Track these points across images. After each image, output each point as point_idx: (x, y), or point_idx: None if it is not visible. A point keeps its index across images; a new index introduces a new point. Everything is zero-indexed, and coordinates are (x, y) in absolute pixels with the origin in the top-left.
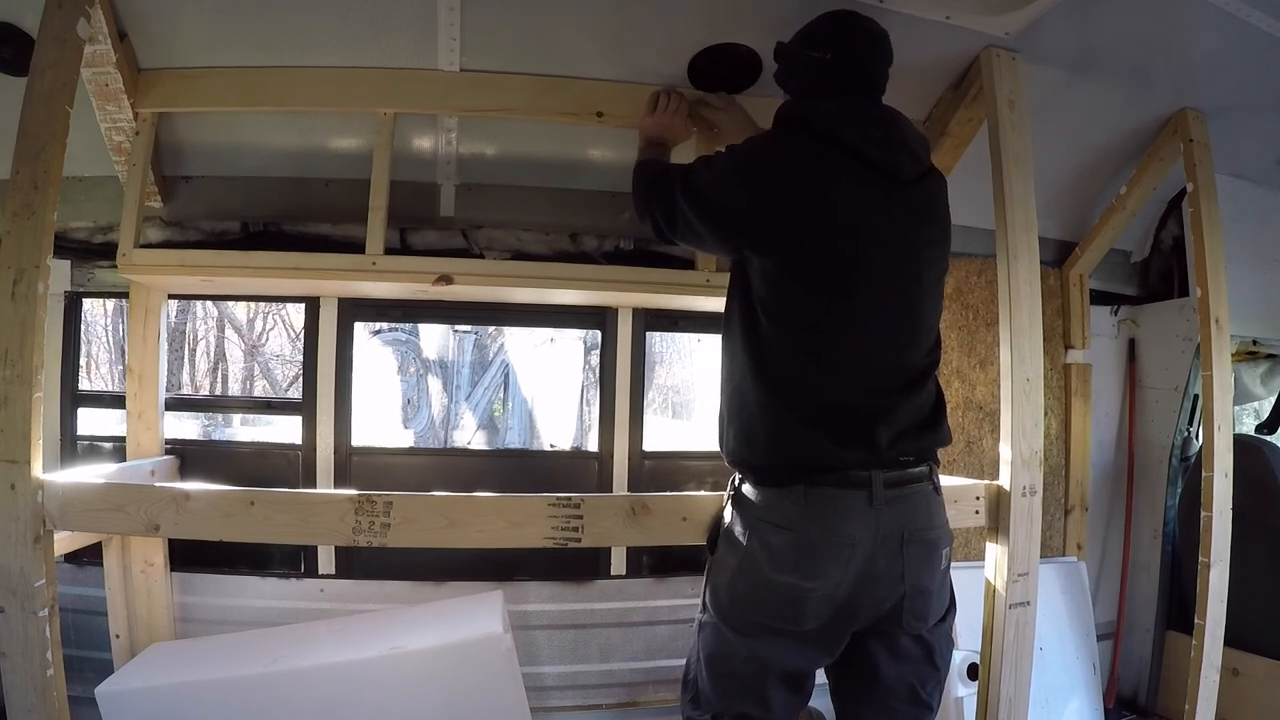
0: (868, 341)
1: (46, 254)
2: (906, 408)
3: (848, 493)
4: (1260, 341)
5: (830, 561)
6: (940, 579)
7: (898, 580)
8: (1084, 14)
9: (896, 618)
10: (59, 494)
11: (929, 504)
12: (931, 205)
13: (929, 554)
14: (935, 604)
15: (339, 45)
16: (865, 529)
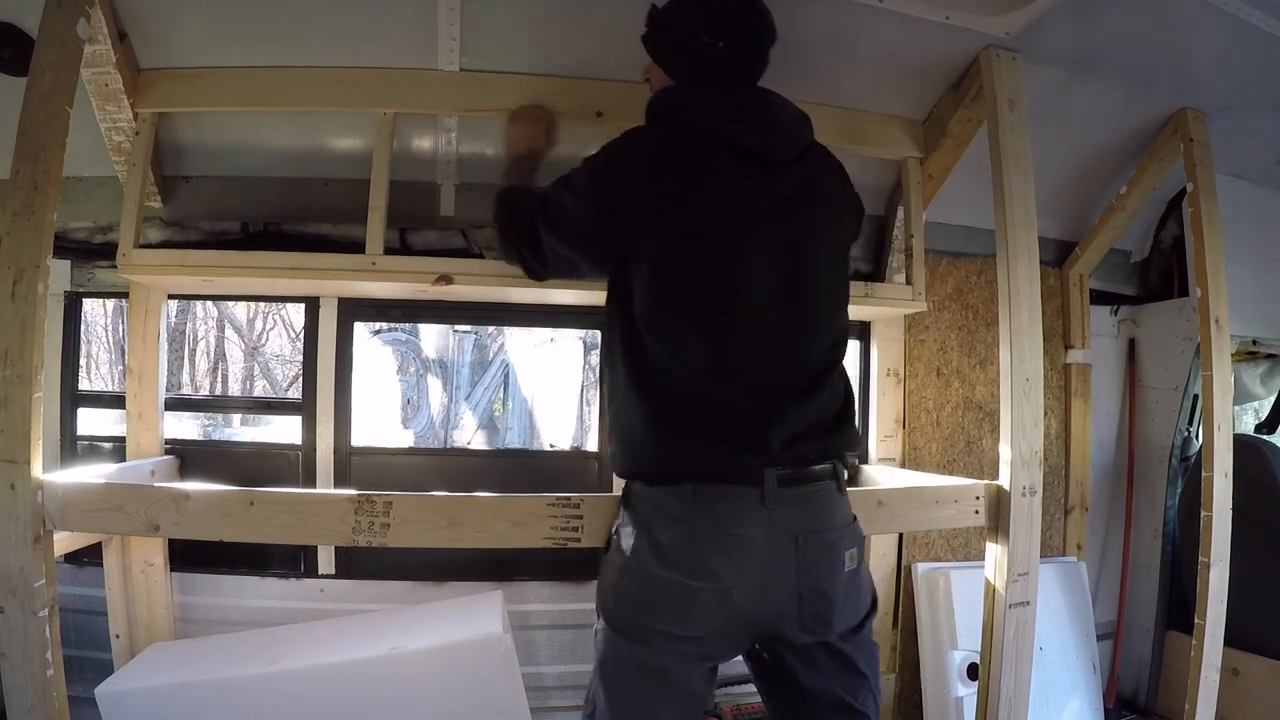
0: (753, 341)
1: (46, 254)
2: (803, 408)
3: (737, 489)
4: (1260, 341)
5: (719, 560)
6: (846, 583)
7: (794, 582)
8: (1084, 14)
9: (800, 623)
10: (59, 494)
11: (830, 504)
12: (815, 185)
13: (828, 556)
14: (842, 608)
15: (339, 45)
16: (757, 528)
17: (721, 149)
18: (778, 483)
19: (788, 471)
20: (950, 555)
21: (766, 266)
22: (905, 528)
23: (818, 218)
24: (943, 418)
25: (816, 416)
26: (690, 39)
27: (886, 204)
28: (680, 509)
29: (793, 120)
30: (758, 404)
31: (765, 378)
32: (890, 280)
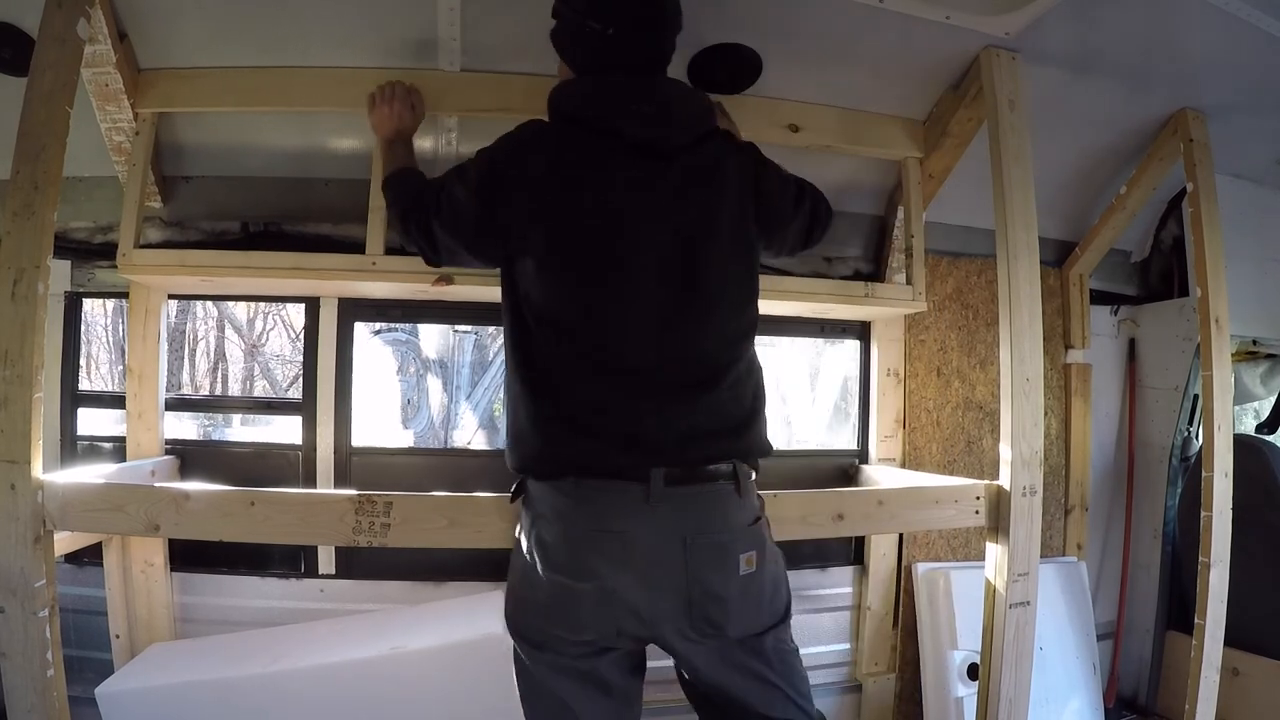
0: (640, 337)
1: (46, 254)
2: (698, 406)
3: (621, 485)
4: (1260, 341)
5: (600, 560)
6: (742, 586)
7: (683, 584)
8: (1084, 14)
9: (690, 625)
10: (59, 494)
11: (723, 505)
12: (710, 173)
13: (719, 557)
14: (738, 612)
15: (339, 45)
16: (640, 526)
17: (609, 141)
18: (665, 481)
19: (677, 470)
20: (950, 555)
21: (656, 260)
22: (905, 528)
23: (714, 208)
24: (943, 418)
25: (714, 415)
26: (581, 27)
27: (886, 204)
28: (562, 505)
29: (686, 107)
30: (645, 400)
31: (654, 374)
32: (890, 280)
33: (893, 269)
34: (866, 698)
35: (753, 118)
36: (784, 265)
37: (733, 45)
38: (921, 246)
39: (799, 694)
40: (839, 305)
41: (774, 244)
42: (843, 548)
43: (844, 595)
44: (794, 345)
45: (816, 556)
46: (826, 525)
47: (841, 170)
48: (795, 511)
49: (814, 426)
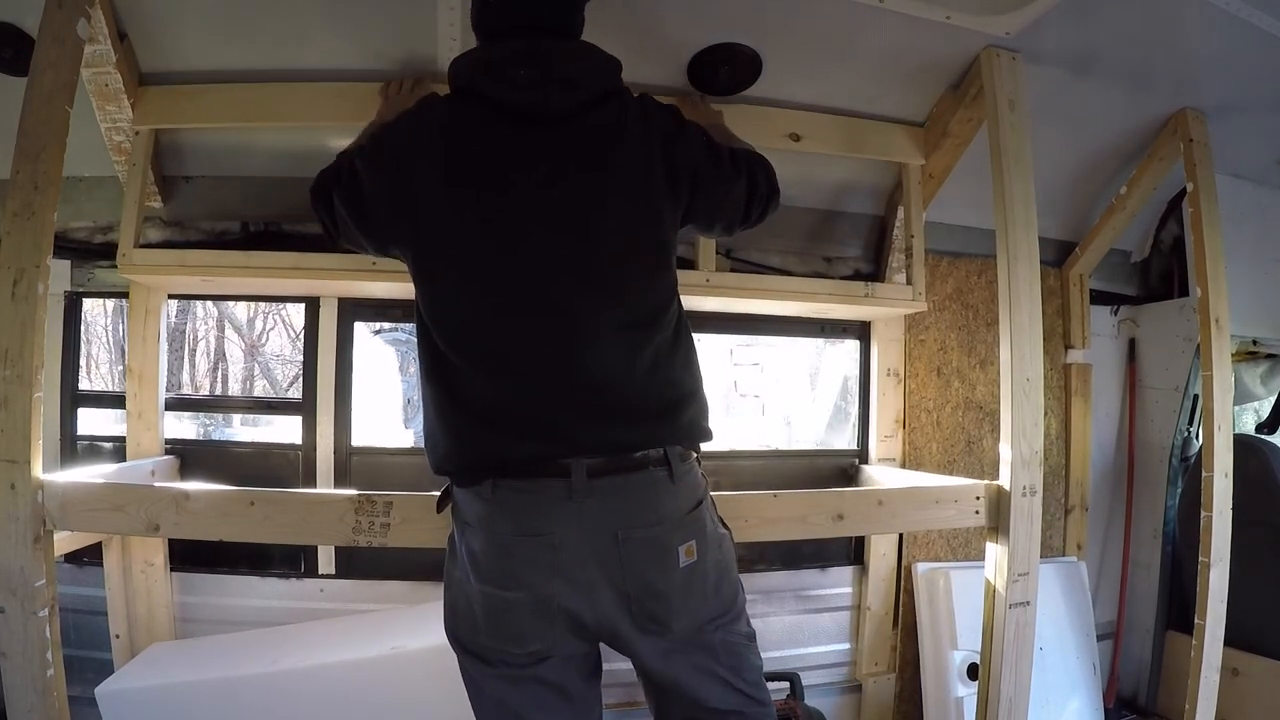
0: (538, 330)
1: (46, 254)
2: (612, 390)
3: (541, 483)
4: (1260, 341)
5: (528, 567)
6: (684, 578)
7: (620, 581)
8: (1084, 14)
9: (633, 623)
10: (59, 494)
11: (654, 495)
12: (602, 138)
13: (655, 551)
14: (681, 605)
15: (338, 50)
16: (566, 526)
17: (491, 111)
18: (587, 474)
19: (599, 461)
20: (950, 555)
21: (546, 233)
22: (905, 528)
23: (611, 174)
24: (943, 418)
25: (634, 400)
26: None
27: (887, 204)
28: (484, 511)
29: (574, 65)
30: (556, 390)
31: (560, 363)
32: (890, 280)
33: (893, 269)
34: (866, 698)
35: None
36: (784, 265)
37: (732, 45)
38: (921, 246)
39: (748, 684)
40: (839, 305)
41: (700, 218)
42: (843, 548)
43: (844, 595)
44: (794, 345)
45: (816, 556)
46: (826, 525)
47: (841, 171)
48: (795, 511)
49: (814, 426)
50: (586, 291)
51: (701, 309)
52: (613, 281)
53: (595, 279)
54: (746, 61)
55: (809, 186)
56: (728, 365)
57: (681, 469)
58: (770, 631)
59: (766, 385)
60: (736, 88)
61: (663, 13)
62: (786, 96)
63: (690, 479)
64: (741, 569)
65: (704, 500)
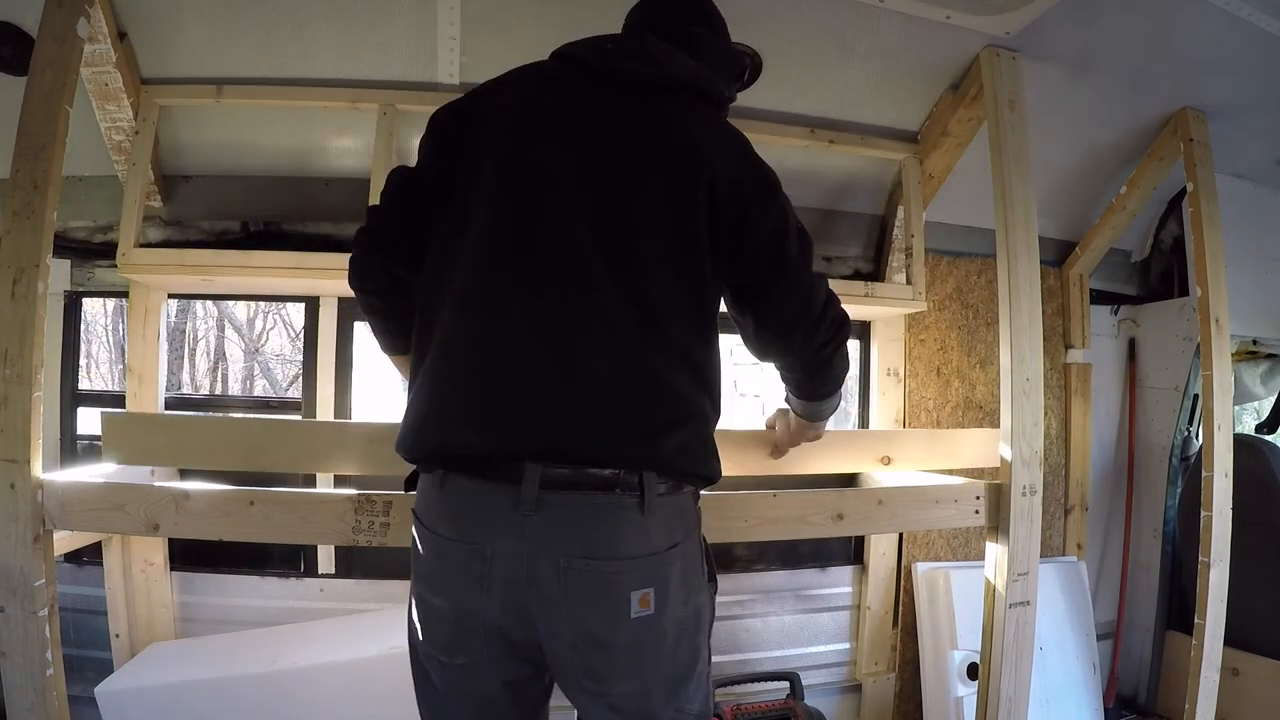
0: (537, 312)
1: (46, 254)
2: (599, 397)
3: (487, 487)
4: (1260, 341)
5: (460, 575)
6: (635, 632)
7: (560, 621)
8: (1084, 14)
9: (569, 674)
10: (59, 493)
11: (613, 523)
12: (672, 124)
13: (602, 593)
14: (626, 665)
15: (338, 54)
16: (506, 539)
17: (568, 67)
18: (541, 482)
19: (560, 471)
20: (950, 555)
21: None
22: (905, 528)
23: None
24: (943, 417)
25: (619, 407)
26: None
27: (886, 203)
28: (430, 505)
29: (667, 54)
30: (534, 377)
31: (548, 347)
32: (890, 280)
33: (893, 269)
34: (866, 698)
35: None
36: None
37: (732, 45)
38: (921, 246)
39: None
40: None
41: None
42: (843, 547)
43: (844, 595)
44: None
45: (816, 556)
46: (826, 525)
47: (841, 169)
48: (795, 511)
49: None
50: (607, 271)
51: None
52: (636, 268)
53: (618, 261)
54: (747, 61)
55: (809, 186)
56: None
57: (658, 501)
58: (770, 631)
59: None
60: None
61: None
62: (786, 96)
63: (670, 516)
64: (741, 569)
65: (682, 545)
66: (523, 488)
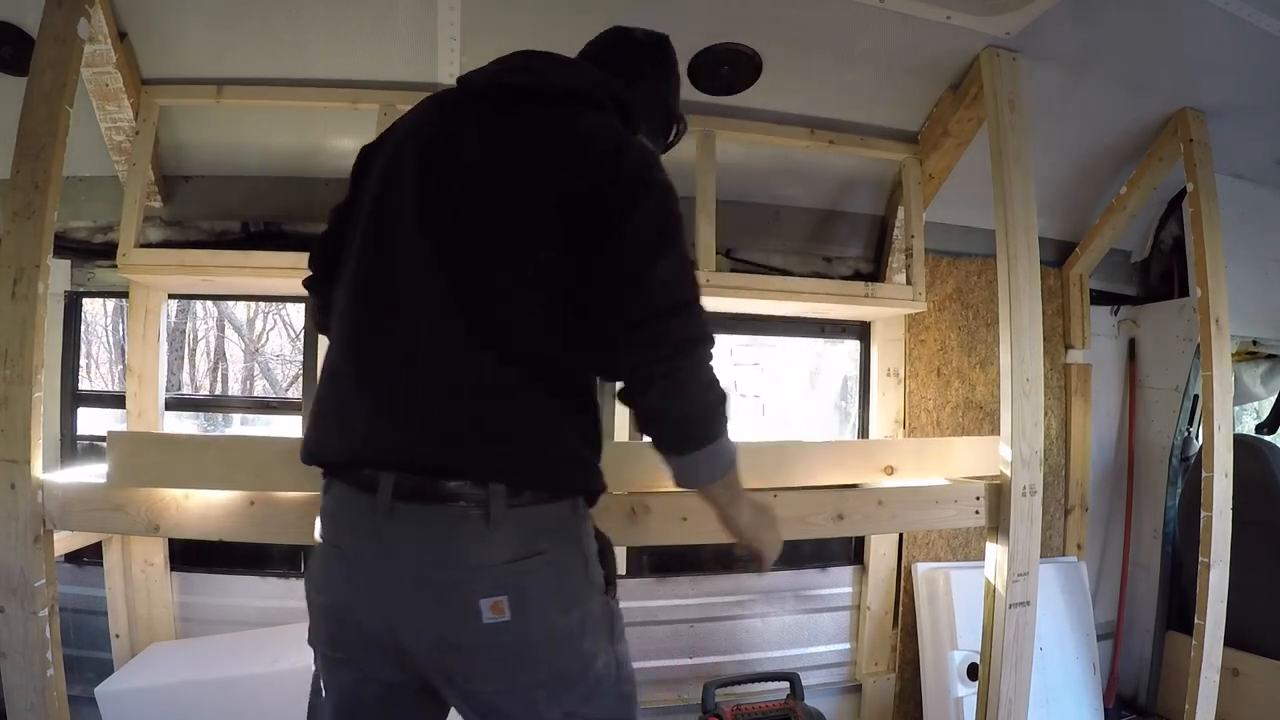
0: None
1: (46, 254)
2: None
3: (351, 492)
4: (1260, 341)
5: (334, 575)
6: (488, 639)
7: (420, 624)
8: (1084, 14)
9: (435, 675)
10: (59, 494)
11: (459, 533)
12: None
13: (449, 599)
14: (486, 667)
15: (338, 55)
16: (365, 544)
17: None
18: (394, 492)
19: (412, 480)
20: (950, 555)
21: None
22: (905, 528)
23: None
24: (943, 418)
25: (463, 415)
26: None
27: (886, 204)
28: (322, 505)
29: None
30: (388, 383)
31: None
32: (890, 280)
33: (893, 269)
34: (866, 698)
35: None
36: (784, 265)
37: (732, 45)
38: (921, 246)
39: None
40: (839, 305)
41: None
42: (843, 548)
43: (844, 595)
44: (794, 345)
45: (816, 556)
46: (827, 525)
47: (842, 170)
48: (795, 511)
49: (814, 426)
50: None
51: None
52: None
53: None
54: (747, 61)
55: (809, 186)
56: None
57: (510, 513)
58: (770, 631)
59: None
60: (737, 87)
61: (664, 11)
62: (787, 96)
63: (529, 526)
64: (742, 569)
65: (550, 554)
66: (378, 496)
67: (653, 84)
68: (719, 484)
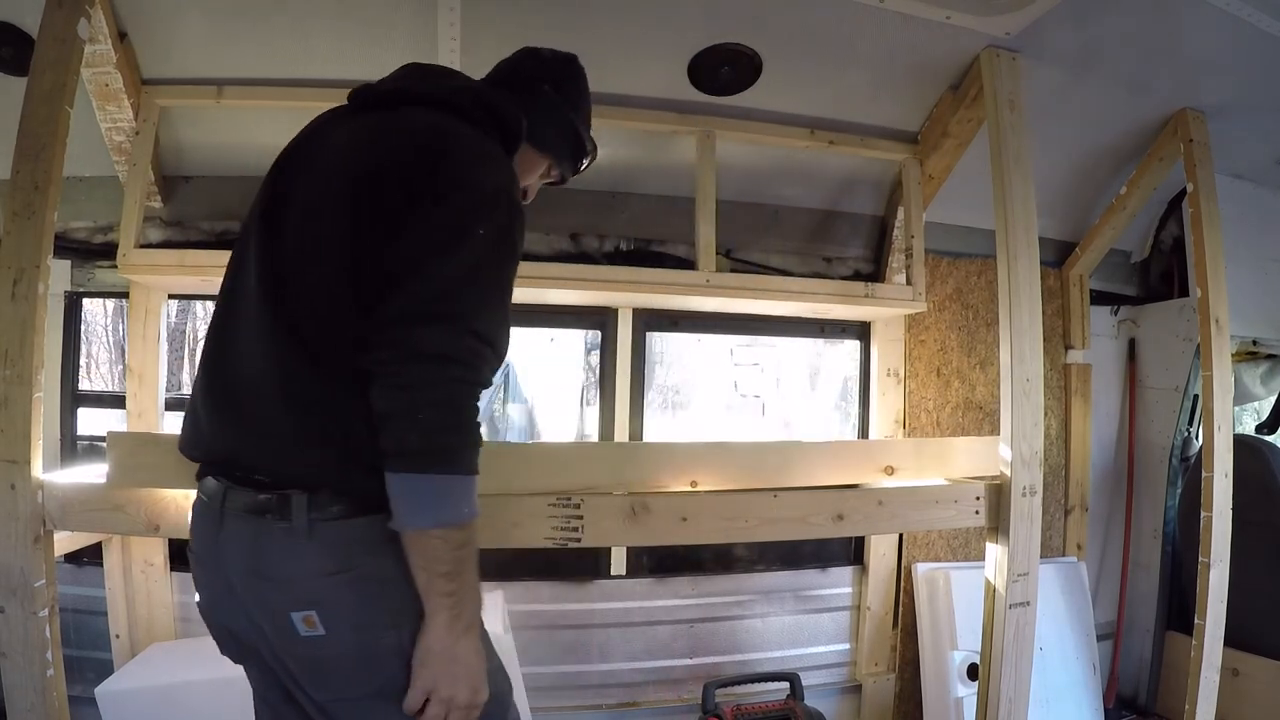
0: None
1: (47, 254)
2: (260, 415)
3: (203, 499)
4: (1260, 341)
5: (197, 579)
6: (310, 650)
7: (253, 629)
8: (1084, 14)
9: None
10: (59, 494)
11: (269, 546)
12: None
13: (268, 608)
14: (312, 678)
15: (338, 55)
16: (209, 549)
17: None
18: (222, 499)
19: (236, 489)
20: (950, 555)
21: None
22: (905, 528)
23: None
24: (943, 418)
25: (271, 426)
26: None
27: (886, 204)
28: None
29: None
30: (220, 395)
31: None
32: (890, 280)
33: (893, 269)
34: (866, 698)
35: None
36: (784, 265)
37: (732, 45)
38: (921, 247)
39: None
40: (839, 305)
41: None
42: (843, 548)
43: (844, 595)
44: (794, 345)
45: (816, 556)
46: (827, 525)
47: (841, 170)
48: (795, 511)
49: (814, 426)
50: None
51: (701, 309)
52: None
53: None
54: (747, 61)
55: (809, 186)
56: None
57: (313, 525)
58: (770, 632)
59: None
60: (737, 88)
61: (663, 12)
62: (786, 96)
63: (342, 540)
64: (742, 569)
65: (362, 571)
66: (211, 502)
67: (552, 102)
68: (435, 537)
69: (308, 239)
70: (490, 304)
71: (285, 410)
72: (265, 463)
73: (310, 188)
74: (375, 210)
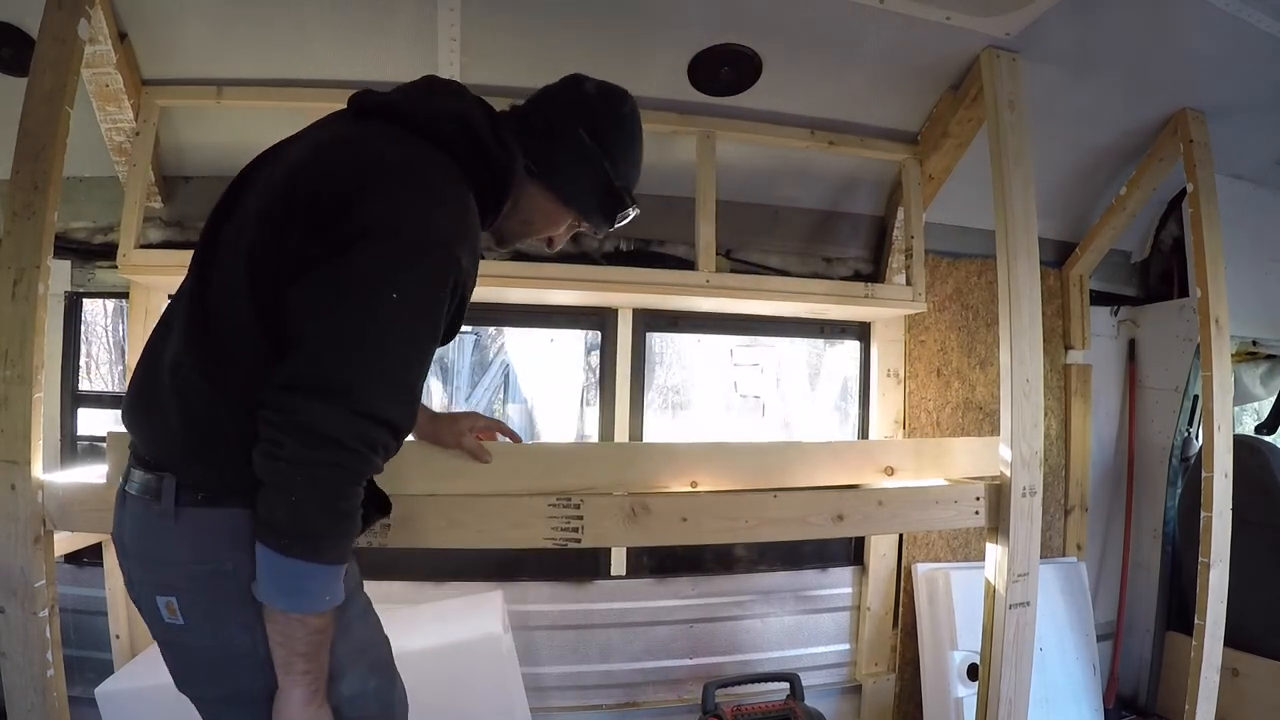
0: (172, 321)
1: (47, 254)
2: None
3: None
4: (1260, 341)
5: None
6: (175, 637)
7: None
8: (1084, 14)
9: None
10: (59, 494)
11: (145, 527)
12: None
13: (137, 590)
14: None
15: (338, 55)
16: (115, 528)
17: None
18: (126, 478)
19: (136, 470)
20: (950, 555)
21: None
22: (905, 528)
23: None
24: (943, 418)
25: (162, 403)
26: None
27: (886, 204)
28: None
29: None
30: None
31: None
32: (890, 281)
33: (893, 269)
34: (866, 698)
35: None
36: (784, 266)
37: (732, 46)
38: (921, 247)
39: None
40: (839, 306)
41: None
42: (843, 548)
43: (844, 595)
44: (794, 346)
45: (816, 557)
46: (827, 525)
47: (841, 170)
48: (795, 512)
49: (813, 427)
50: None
51: (701, 309)
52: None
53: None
54: (747, 61)
55: (809, 187)
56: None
57: (179, 509)
58: (770, 632)
59: (766, 386)
60: (737, 88)
61: (664, 12)
62: (788, 97)
63: (202, 528)
64: (742, 569)
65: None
66: (122, 483)
67: (585, 151)
68: (295, 620)
69: (230, 250)
70: (390, 376)
71: (178, 399)
72: (154, 446)
73: (251, 198)
74: (281, 244)
